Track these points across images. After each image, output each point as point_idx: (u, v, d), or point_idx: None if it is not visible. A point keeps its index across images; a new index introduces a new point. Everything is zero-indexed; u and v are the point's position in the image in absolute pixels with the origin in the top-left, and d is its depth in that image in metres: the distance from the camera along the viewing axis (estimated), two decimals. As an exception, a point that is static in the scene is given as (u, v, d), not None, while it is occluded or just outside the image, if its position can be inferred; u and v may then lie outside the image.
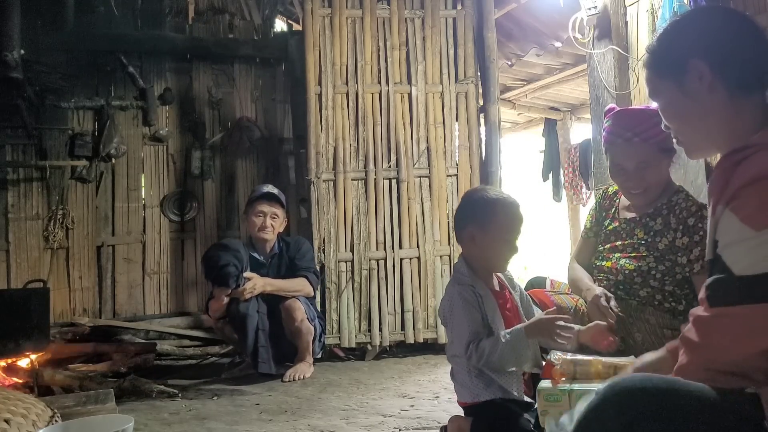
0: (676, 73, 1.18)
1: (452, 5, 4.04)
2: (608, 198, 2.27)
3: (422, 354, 3.72)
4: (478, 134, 4.00)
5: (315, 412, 2.51)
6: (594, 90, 3.57)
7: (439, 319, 1.95)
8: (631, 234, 2.09)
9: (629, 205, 2.16)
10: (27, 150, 4.14)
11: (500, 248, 1.82)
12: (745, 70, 1.13)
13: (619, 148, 2.05)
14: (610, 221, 2.20)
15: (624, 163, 2.04)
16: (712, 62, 1.13)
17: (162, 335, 4.09)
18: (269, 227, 3.44)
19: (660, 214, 2.04)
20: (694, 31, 1.18)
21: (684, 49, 1.17)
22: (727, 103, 1.13)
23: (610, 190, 2.28)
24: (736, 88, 1.13)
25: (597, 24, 3.49)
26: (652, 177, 2.02)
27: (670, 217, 2.01)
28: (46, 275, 4.03)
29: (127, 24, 4.45)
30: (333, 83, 3.87)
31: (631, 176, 2.04)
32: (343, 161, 3.82)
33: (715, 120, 1.15)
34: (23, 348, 3.08)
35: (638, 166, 2.01)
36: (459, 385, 1.83)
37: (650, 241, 2.03)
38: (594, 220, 2.28)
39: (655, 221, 2.04)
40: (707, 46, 1.15)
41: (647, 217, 2.06)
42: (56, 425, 1.74)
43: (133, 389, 2.76)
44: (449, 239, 3.86)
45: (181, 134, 4.55)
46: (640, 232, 2.07)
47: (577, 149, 6.90)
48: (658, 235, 2.02)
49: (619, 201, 2.22)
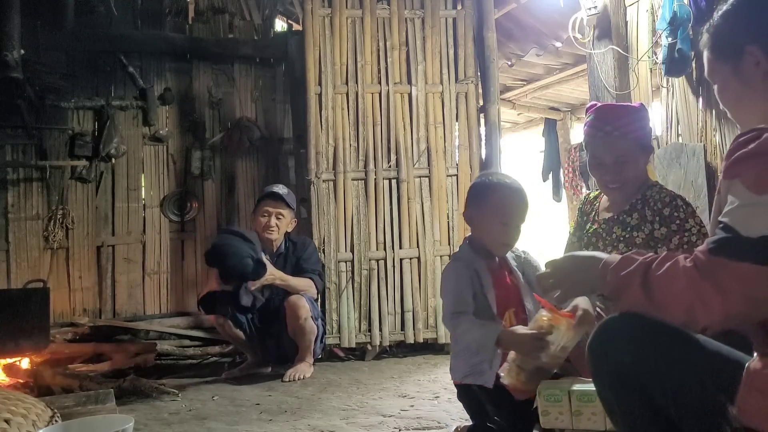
0: (732, 57, 1.18)
1: (452, 5, 4.04)
2: (589, 203, 2.28)
3: (422, 354, 3.72)
4: (478, 134, 4.00)
5: (315, 412, 2.51)
6: (594, 90, 3.58)
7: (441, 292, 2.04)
8: (610, 233, 2.10)
9: (608, 205, 2.16)
10: (27, 150, 4.13)
11: (495, 230, 1.92)
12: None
13: (599, 142, 2.07)
14: (590, 224, 2.21)
15: (603, 157, 2.06)
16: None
17: (162, 335, 4.08)
18: (274, 227, 3.44)
19: (635, 209, 2.04)
20: (755, 15, 1.17)
21: (742, 34, 1.17)
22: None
23: (591, 196, 2.30)
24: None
25: (597, 24, 3.49)
26: (629, 172, 2.03)
27: (645, 210, 2.02)
28: (46, 275, 4.03)
29: (127, 24, 4.44)
30: (333, 83, 3.87)
31: (609, 170, 2.05)
32: (343, 161, 3.82)
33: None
34: (23, 348, 3.08)
35: (617, 161, 2.02)
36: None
37: (628, 237, 2.03)
38: (576, 225, 2.29)
39: (631, 216, 2.05)
40: (765, 31, 1.14)
41: (624, 214, 2.07)
42: (56, 425, 1.73)
43: (133, 389, 2.76)
44: (449, 239, 3.86)
45: (181, 134, 4.55)
46: (618, 229, 2.07)
47: (577, 149, 6.89)
48: (635, 229, 2.02)
49: (599, 204, 2.22)
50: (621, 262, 1.13)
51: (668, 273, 1.03)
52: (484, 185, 1.99)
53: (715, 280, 0.97)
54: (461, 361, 1.88)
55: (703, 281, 0.98)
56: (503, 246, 1.96)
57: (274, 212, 3.44)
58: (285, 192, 3.54)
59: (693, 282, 0.99)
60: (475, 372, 1.82)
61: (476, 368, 1.82)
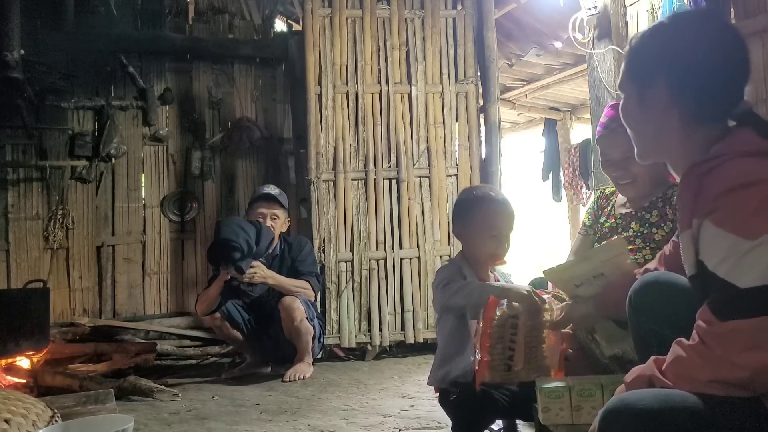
0: (641, 82, 1.17)
1: (452, 5, 4.04)
2: (605, 198, 2.31)
3: (422, 354, 3.72)
4: (478, 134, 4.00)
5: (315, 412, 2.51)
6: (594, 90, 3.57)
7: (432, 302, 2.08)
8: (627, 228, 2.11)
9: (625, 202, 2.18)
10: (27, 150, 4.13)
11: (482, 243, 1.94)
12: (705, 104, 1.10)
13: (606, 139, 2.12)
14: (606, 219, 2.23)
15: (610, 153, 2.10)
16: (675, 87, 1.11)
17: (162, 335, 4.09)
18: (278, 228, 3.43)
19: (655, 207, 2.06)
20: (671, 48, 1.13)
21: (655, 63, 1.15)
22: (678, 126, 1.13)
23: (607, 191, 2.32)
24: (691, 117, 1.11)
25: (597, 24, 3.49)
26: (637, 167, 2.04)
27: (666, 208, 2.03)
28: (46, 275, 4.03)
29: (127, 24, 4.44)
30: (333, 83, 3.87)
31: (618, 166, 2.08)
32: (343, 161, 3.82)
33: (665, 137, 1.16)
34: (23, 348, 3.08)
35: (623, 156, 2.04)
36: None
37: (646, 233, 2.04)
38: (592, 219, 2.30)
39: (651, 213, 2.06)
40: (676, 69, 1.12)
41: (643, 211, 2.08)
42: (56, 425, 1.73)
43: (133, 389, 2.76)
44: (449, 239, 3.86)
45: (181, 134, 4.55)
46: (636, 225, 2.09)
47: (577, 149, 6.90)
48: (654, 226, 2.04)
49: (615, 200, 2.25)
50: (630, 383, 1.10)
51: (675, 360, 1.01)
52: (469, 200, 2.01)
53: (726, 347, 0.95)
54: (447, 364, 1.89)
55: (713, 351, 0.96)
56: (494, 257, 1.98)
57: (269, 213, 3.41)
58: (277, 192, 3.52)
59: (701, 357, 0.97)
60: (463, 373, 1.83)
61: (463, 369, 1.83)
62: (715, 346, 0.96)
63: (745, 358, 0.93)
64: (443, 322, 1.95)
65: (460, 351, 1.87)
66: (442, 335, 1.97)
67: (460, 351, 1.87)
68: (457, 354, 1.87)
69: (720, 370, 0.96)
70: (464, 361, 1.84)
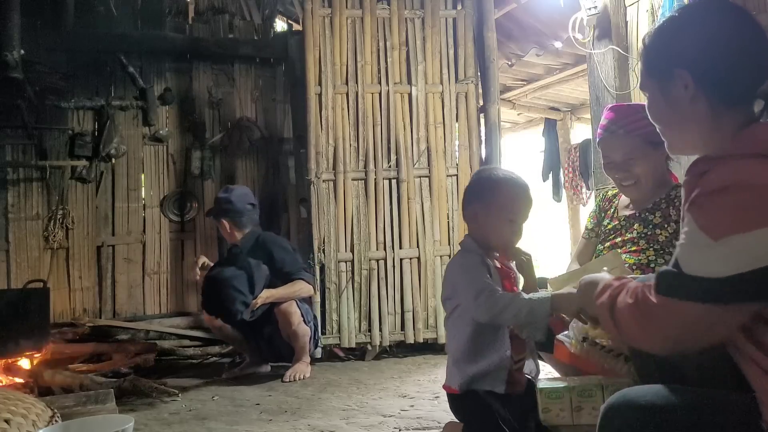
0: (662, 77, 1.17)
1: (452, 5, 4.04)
2: (607, 200, 2.31)
3: (422, 354, 3.72)
4: (478, 134, 4.00)
5: (315, 412, 2.51)
6: (594, 90, 3.57)
7: (442, 294, 1.86)
8: (630, 229, 2.11)
9: (628, 204, 2.19)
10: (27, 150, 4.14)
11: (502, 228, 1.77)
12: (731, 86, 1.11)
13: (606, 142, 2.12)
14: (609, 221, 2.23)
15: (611, 156, 2.10)
16: (698, 74, 1.11)
17: (162, 335, 4.09)
18: (227, 237, 3.48)
19: (659, 208, 2.06)
20: (687, 36, 1.14)
21: (673, 55, 1.15)
22: (707, 114, 1.13)
23: (609, 193, 2.32)
24: (719, 102, 1.11)
25: (597, 24, 3.49)
26: (639, 169, 2.05)
27: (670, 209, 2.03)
28: (46, 275, 4.03)
29: (127, 24, 4.44)
30: (333, 83, 3.87)
31: (620, 168, 2.09)
32: (343, 161, 3.82)
33: (693, 127, 1.15)
34: (23, 348, 3.08)
35: (625, 158, 2.05)
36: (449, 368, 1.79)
37: (650, 234, 2.05)
38: (594, 221, 2.30)
39: (654, 215, 2.06)
40: (696, 56, 1.12)
41: (646, 212, 2.09)
42: (56, 425, 1.73)
43: (133, 389, 2.76)
44: (449, 239, 3.86)
45: (181, 134, 4.55)
46: (639, 226, 2.09)
47: (577, 149, 6.90)
48: (658, 227, 2.04)
49: (618, 202, 2.25)
50: (601, 290, 1.17)
51: (620, 307, 1.09)
52: (492, 180, 1.82)
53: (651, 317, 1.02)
54: (467, 365, 1.70)
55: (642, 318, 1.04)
56: (509, 243, 1.82)
57: (219, 227, 3.50)
58: (216, 200, 3.52)
59: (634, 317, 1.05)
60: (488, 376, 1.67)
61: (488, 372, 1.67)
62: (642, 313, 1.03)
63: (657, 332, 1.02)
64: (463, 315, 1.74)
65: (492, 346, 1.69)
66: (461, 329, 1.74)
67: (491, 346, 1.69)
68: (489, 349, 1.69)
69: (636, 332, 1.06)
70: (499, 355, 1.67)
